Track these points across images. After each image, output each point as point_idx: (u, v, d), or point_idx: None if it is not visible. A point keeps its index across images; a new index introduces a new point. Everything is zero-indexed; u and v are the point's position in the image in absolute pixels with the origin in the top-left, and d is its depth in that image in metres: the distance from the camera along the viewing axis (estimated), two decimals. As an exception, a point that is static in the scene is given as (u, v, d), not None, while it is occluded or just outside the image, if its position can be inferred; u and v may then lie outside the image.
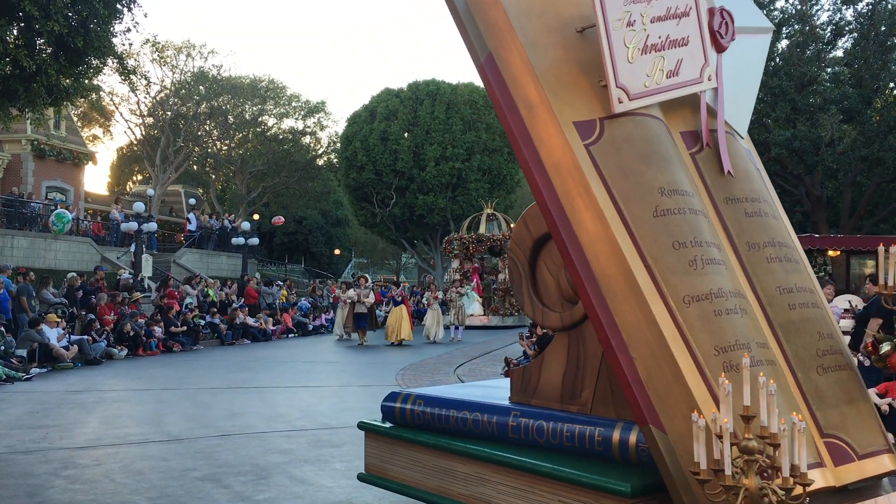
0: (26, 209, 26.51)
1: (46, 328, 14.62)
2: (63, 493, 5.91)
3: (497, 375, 13.68)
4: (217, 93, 42.31)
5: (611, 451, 2.89)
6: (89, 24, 16.20)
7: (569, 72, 3.01)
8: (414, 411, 3.65)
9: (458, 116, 39.26)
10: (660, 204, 2.86)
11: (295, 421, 9.20)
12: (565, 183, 2.84)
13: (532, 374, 3.37)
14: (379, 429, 3.87)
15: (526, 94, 2.95)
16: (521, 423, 3.18)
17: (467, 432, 3.37)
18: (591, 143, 2.89)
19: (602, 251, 2.75)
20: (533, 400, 3.33)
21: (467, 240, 29.38)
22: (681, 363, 2.60)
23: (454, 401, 3.52)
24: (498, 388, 3.92)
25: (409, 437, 3.62)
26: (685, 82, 3.15)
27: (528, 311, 3.38)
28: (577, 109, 2.95)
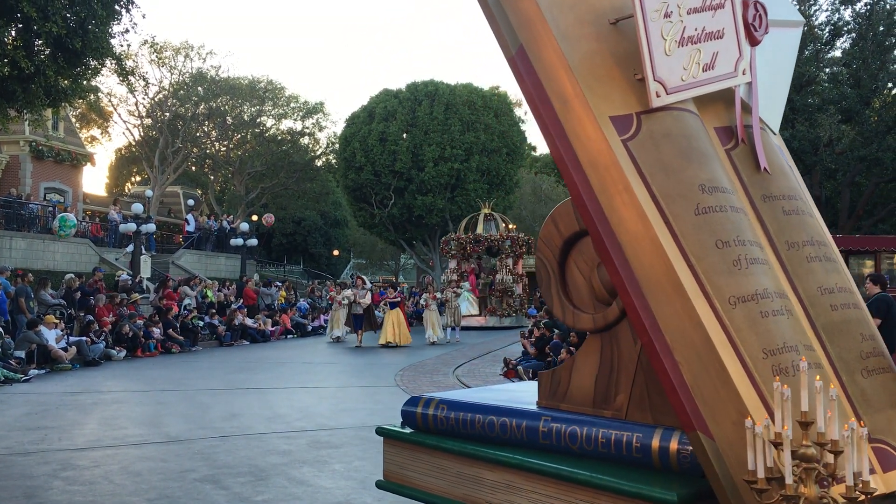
0: (25, 210, 26.48)
1: (45, 329, 14.61)
2: (62, 494, 5.90)
3: (496, 376, 13.69)
4: (215, 94, 42.30)
5: (650, 457, 2.79)
6: (87, 26, 16.20)
7: (603, 65, 2.93)
8: (437, 416, 3.51)
9: (456, 117, 39.27)
10: (701, 201, 2.78)
11: (294, 422, 9.19)
12: (603, 180, 2.75)
13: (562, 378, 3.25)
14: (399, 434, 3.70)
15: (559, 88, 2.87)
16: (552, 428, 3.07)
17: (494, 438, 3.25)
18: (629, 138, 2.81)
19: (643, 250, 2.68)
20: (563, 404, 3.22)
21: (465, 240, 29.31)
22: (729, 367, 2.53)
23: (480, 405, 3.40)
24: (523, 391, 3.81)
25: (432, 444, 3.47)
26: (721, 76, 3.09)
27: (557, 312, 3.28)
28: (613, 104, 2.87)
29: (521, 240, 29.73)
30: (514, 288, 28.79)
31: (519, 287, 29.36)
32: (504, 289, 28.63)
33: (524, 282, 30.28)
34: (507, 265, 29.03)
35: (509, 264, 29.07)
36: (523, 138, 45.12)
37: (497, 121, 40.78)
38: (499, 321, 27.88)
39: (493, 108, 41.04)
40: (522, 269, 30.70)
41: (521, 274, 29.84)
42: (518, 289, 29.19)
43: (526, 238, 30.50)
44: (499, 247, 29.28)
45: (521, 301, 29.18)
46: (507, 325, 27.43)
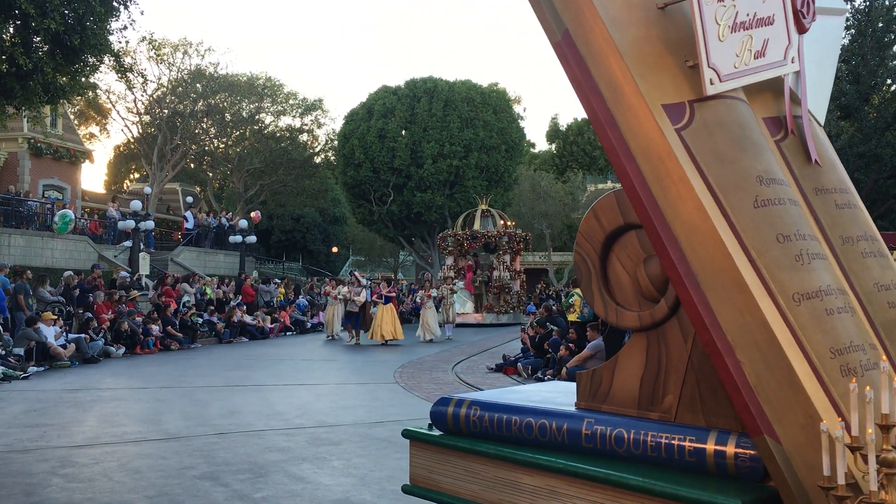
0: (23, 207, 26.47)
1: (43, 326, 14.60)
2: (61, 491, 5.90)
3: (496, 373, 13.69)
4: (214, 90, 42.26)
5: (704, 462, 2.66)
6: (86, 22, 16.17)
7: (652, 51, 2.81)
8: (469, 418, 3.35)
9: (455, 114, 39.26)
10: (759, 194, 2.66)
11: (293, 419, 9.20)
12: (657, 171, 2.64)
13: (603, 378, 3.12)
14: (427, 437, 3.54)
15: (609, 75, 2.76)
16: (596, 430, 2.93)
17: (532, 441, 3.12)
18: (682, 127, 2.70)
19: (701, 245, 2.56)
20: (604, 406, 3.09)
21: (461, 236, 29.12)
22: (796, 367, 2.42)
23: (516, 406, 3.26)
24: (556, 392, 3.68)
25: (465, 447, 3.31)
26: (771, 64, 2.97)
27: (599, 309, 3.15)
28: (665, 91, 2.75)
29: (518, 236, 29.53)
30: (511, 285, 28.59)
31: (517, 284, 29.18)
32: (501, 285, 28.44)
33: (522, 278, 30.19)
34: (504, 262, 28.82)
35: (506, 261, 28.87)
36: (522, 135, 45.12)
37: (496, 117, 40.77)
38: (496, 318, 27.67)
39: (492, 105, 41.03)
40: (520, 266, 30.61)
41: (518, 270, 29.67)
42: (515, 286, 29.00)
43: (523, 234, 30.37)
44: (496, 243, 29.09)
45: (518, 298, 29.01)
46: (505, 323, 27.25)
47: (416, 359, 16.13)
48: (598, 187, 53.55)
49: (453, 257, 29.19)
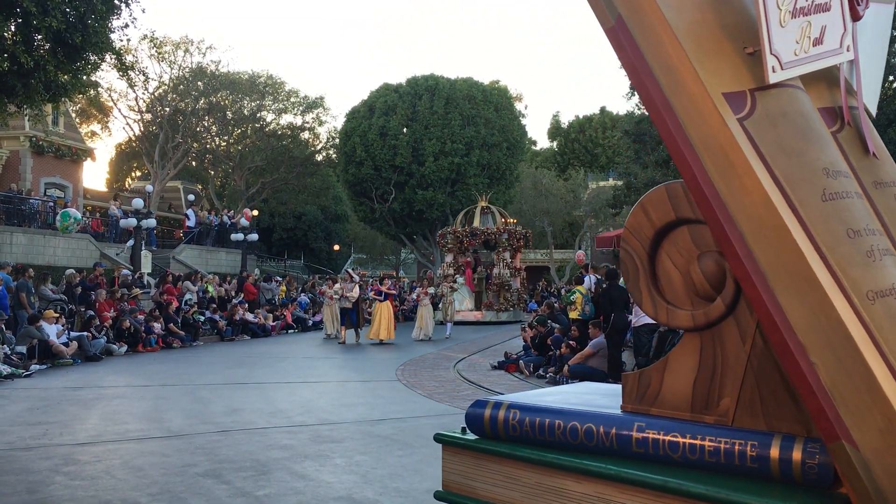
0: (25, 206, 26.50)
1: (46, 325, 14.62)
2: (63, 489, 5.91)
3: (498, 371, 13.69)
4: (215, 88, 42.27)
5: (768, 468, 2.53)
6: (87, 20, 16.17)
7: (709, 37, 2.71)
8: (508, 421, 3.20)
9: (456, 111, 39.25)
10: (827, 187, 2.54)
11: (295, 416, 9.20)
12: (720, 162, 2.54)
13: (651, 380, 2.98)
14: (462, 441, 3.36)
15: (666, 61, 2.65)
16: (648, 435, 2.79)
17: (577, 446, 2.98)
18: (744, 117, 2.58)
19: (769, 240, 2.45)
20: (653, 409, 2.96)
21: (461, 233, 28.89)
22: (873, 368, 2.31)
23: (560, 410, 3.11)
24: (595, 393, 3.54)
25: (504, 452, 3.16)
26: (829, 52, 2.87)
27: (647, 308, 3.01)
28: (725, 79, 2.64)
29: (518, 233, 29.28)
30: (511, 282, 28.40)
31: (517, 281, 28.99)
32: (501, 283, 28.21)
33: (522, 276, 30.08)
34: (504, 259, 28.58)
35: (506, 258, 28.62)
36: (524, 132, 45.11)
37: (497, 115, 40.77)
38: (495, 316, 27.43)
39: (493, 103, 41.03)
40: (521, 263, 30.48)
41: (518, 268, 29.47)
42: (516, 283, 28.80)
43: (523, 231, 30.13)
44: (496, 240, 28.85)
45: (518, 295, 28.81)
46: (504, 321, 27.00)
47: (418, 356, 16.14)
48: (599, 185, 53.53)
49: (453, 254, 28.97)
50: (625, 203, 28.00)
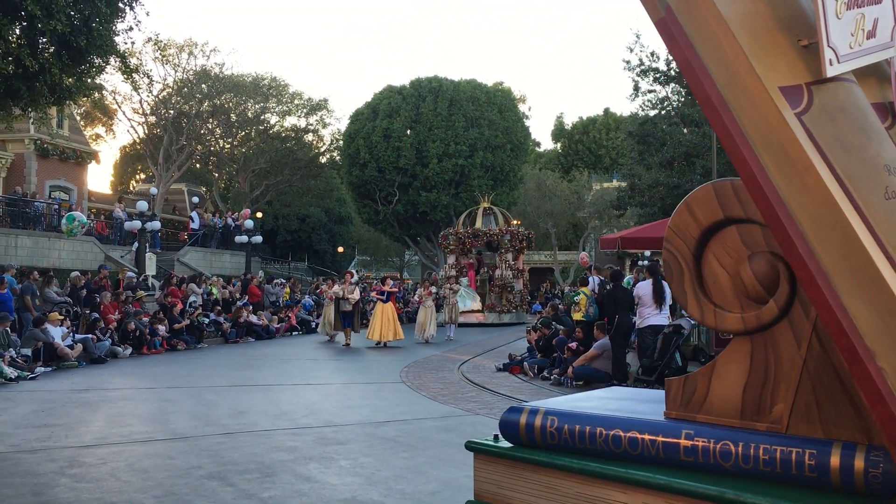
0: (30, 208, 26.56)
1: (51, 327, 14.65)
2: (69, 491, 5.92)
3: (503, 373, 13.68)
4: (219, 91, 42.35)
5: (828, 477, 2.44)
6: (92, 23, 16.21)
7: (763, 29, 2.61)
8: (546, 429, 3.09)
9: (460, 113, 39.28)
10: (889, 184, 2.45)
11: (300, 419, 9.21)
12: (779, 159, 2.45)
13: (698, 385, 2.87)
14: (497, 450, 3.23)
15: (720, 54, 2.58)
16: (697, 443, 2.67)
17: (621, 455, 2.87)
18: (802, 112, 2.49)
19: (832, 241, 2.37)
20: (699, 416, 2.85)
21: (463, 234, 28.67)
22: None
23: (602, 417, 3.00)
24: (632, 399, 3.41)
25: (542, 460, 3.04)
26: (881, 45, 2.79)
27: (692, 311, 2.92)
28: (781, 73, 2.54)
29: (520, 234, 29.07)
30: (513, 284, 28.16)
31: (520, 283, 28.81)
32: (503, 284, 27.96)
33: (525, 277, 29.94)
34: (506, 260, 28.33)
35: (509, 259, 28.36)
36: (527, 134, 45.12)
37: (501, 116, 40.79)
38: (498, 317, 27.12)
39: (497, 104, 41.05)
40: (524, 265, 30.34)
41: (521, 269, 29.29)
42: (519, 284, 28.61)
43: (526, 232, 29.89)
44: (498, 241, 28.60)
45: (521, 297, 28.62)
46: (507, 322, 26.77)
47: (422, 358, 16.14)
48: (603, 186, 53.47)
49: (455, 256, 28.75)
50: (628, 204, 27.98)
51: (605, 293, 12.77)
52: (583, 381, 11.94)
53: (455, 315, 22.22)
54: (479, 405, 10.28)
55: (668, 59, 24.15)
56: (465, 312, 24.84)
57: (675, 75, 24.09)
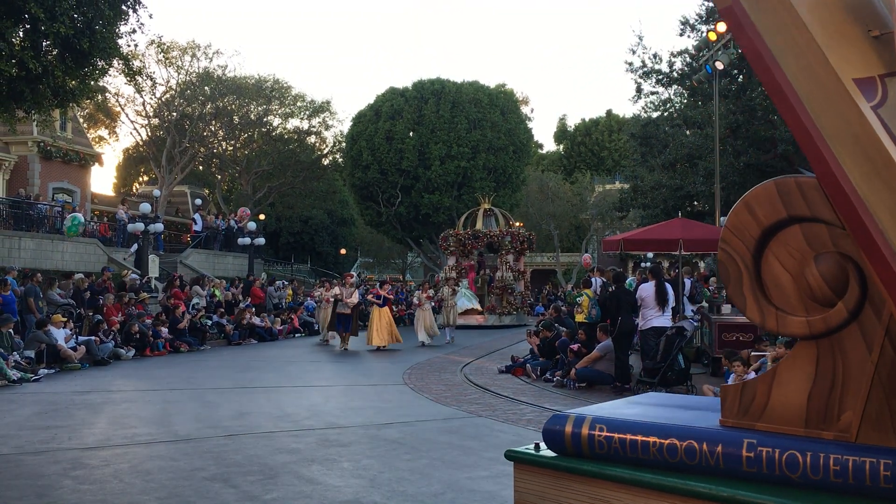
0: (33, 210, 26.60)
1: (54, 329, 14.67)
2: (72, 493, 5.93)
3: (506, 375, 13.67)
4: (222, 93, 42.41)
5: None
6: (95, 26, 16.24)
7: (833, 19, 2.50)
8: (594, 438, 2.93)
9: (463, 115, 39.29)
10: None
11: (302, 420, 9.21)
12: (855, 155, 2.35)
13: (757, 392, 2.73)
14: (540, 460, 3.06)
15: (790, 45, 2.46)
16: (761, 453, 2.52)
17: (677, 465, 2.69)
18: (877, 105, 2.39)
19: None
20: (759, 424, 2.70)
21: (463, 236, 28.30)
22: None
23: (654, 425, 2.82)
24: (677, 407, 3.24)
25: (591, 471, 2.87)
26: None
27: (752, 314, 2.77)
28: (853, 64, 2.43)
29: (521, 236, 28.77)
30: (514, 285, 27.84)
31: (521, 284, 28.56)
32: (504, 286, 27.57)
33: (526, 279, 29.72)
34: (507, 262, 27.98)
35: (509, 261, 28.04)
36: (530, 136, 45.15)
37: (503, 118, 40.80)
38: (498, 319, 26.71)
39: (499, 106, 41.06)
40: (525, 266, 30.11)
41: (522, 271, 28.99)
42: (519, 286, 28.34)
43: (527, 234, 29.62)
44: (499, 243, 28.26)
45: (522, 299, 28.30)
46: (508, 324, 26.39)
47: (425, 360, 16.14)
48: (605, 188, 53.52)
49: (455, 257, 28.34)
50: (631, 206, 27.97)
51: (607, 295, 12.76)
52: (585, 383, 11.94)
53: (454, 317, 21.78)
54: (482, 407, 10.27)
55: (671, 60, 24.15)
56: (464, 314, 24.59)
57: (677, 77, 24.08)
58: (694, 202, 24.28)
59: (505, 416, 9.60)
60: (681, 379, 11.16)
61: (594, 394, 11.43)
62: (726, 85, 21.55)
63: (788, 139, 19.71)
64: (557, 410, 9.90)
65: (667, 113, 26.54)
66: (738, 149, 21.79)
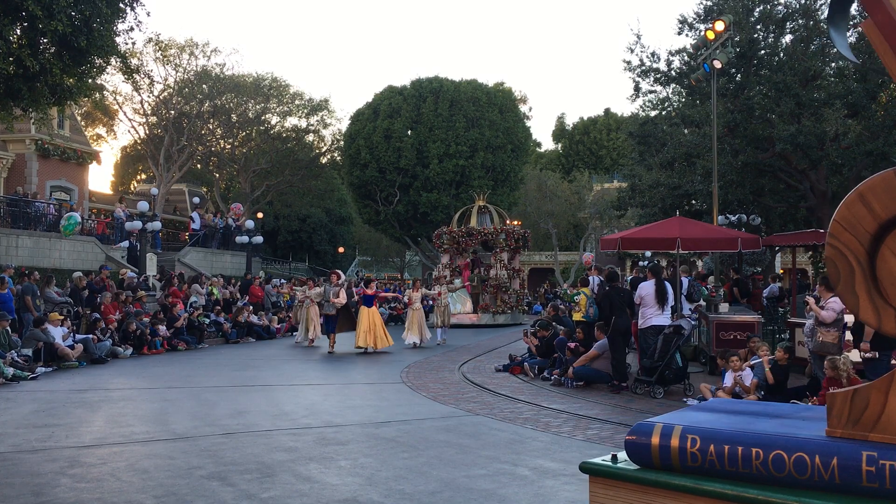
0: (31, 209, 26.55)
1: (51, 327, 14.66)
2: (69, 491, 5.92)
3: (503, 373, 13.67)
4: (220, 91, 42.36)
5: None
6: (92, 24, 16.21)
7: None
8: (686, 450, 2.70)
9: (461, 114, 39.28)
10: None
11: (300, 419, 9.21)
12: None
13: (870, 400, 2.54)
14: (621, 473, 2.84)
15: None
16: (883, 466, 2.32)
17: (784, 480, 2.50)
18: None
19: None
20: (872, 434, 2.49)
21: (457, 233, 27.94)
22: None
23: (757, 436, 2.61)
24: (767, 415, 2.99)
25: (685, 486, 2.67)
26: None
27: (867, 315, 2.57)
28: None
29: (516, 233, 28.31)
30: (508, 284, 27.48)
31: (516, 283, 28.20)
32: (498, 284, 27.16)
33: (522, 277, 29.41)
34: (501, 260, 27.57)
35: (504, 259, 27.63)
36: (528, 134, 45.14)
37: (502, 117, 40.79)
38: (492, 318, 26.31)
39: (497, 105, 41.05)
40: (521, 265, 29.73)
41: (517, 269, 28.60)
42: (514, 285, 27.97)
43: (522, 232, 29.15)
44: (493, 240, 27.82)
45: (517, 297, 27.93)
46: (502, 323, 26.05)
47: (423, 359, 16.13)
48: (603, 186, 53.53)
49: (449, 255, 27.97)
50: (629, 205, 27.94)
51: (602, 294, 12.73)
52: (583, 382, 11.94)
53: (447, 318, 21.04)
54: (480, 405, 10.27)
55: (669, 59, 24.12)
56: (457, 314, 24.38)
57: (675, 76, 24.06)
58: (692, 201, 24.26)
59: (503, 414, 9.61)
60: (678, 378, 11.17)
61: (591, 392, 11.44)
62: (724, 84, 21.54)
63: (786, 138, 19.70)
64: (555, 409, 9.98)
65: (665, 112, 26.52)
66: (735, 147, 21.78)
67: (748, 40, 21.38)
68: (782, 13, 22.36)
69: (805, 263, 23.55)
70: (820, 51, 22.04)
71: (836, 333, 9.72)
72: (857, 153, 20.57)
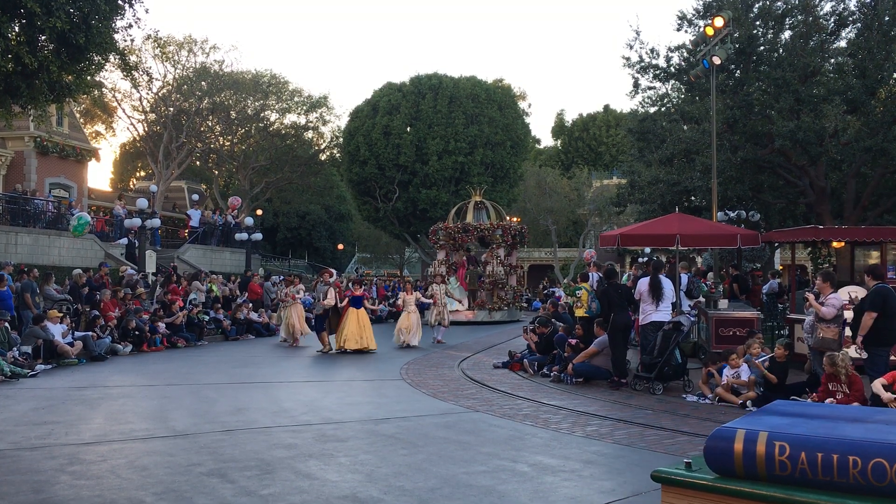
0: (30, 206, 26.55)
1: (50, 325, 14.65)
2: (69, 488, 5.93)
3: (503, 370, 13.67)
4: (219, 88, 42.32)
5: None
6: (91, 21, 16.17)
7: None
8: (773, 458, 2.49)
9: (460, 110, 39.24)
10: None
11: (299, 416, 9.21)
12: None
13: None
14: (699, 482, 2.62)
15: None
16: None
17: (885, 489, 2.33)
18: None
19: None
20: None
21: (453, 229, 27.55)
22: None
23: (854, 442, 2.42)
24: (845, 419, 2.81)
25: (774, 496, 2.44)
26: None
27: None
28: None
29: (513, 229, 27.87)
30: (505, 280, 27.08)
31: (513, 279, 27.94)
32: (494, 281, 26.74)
33: (519, 274, 29.22)
34: (497, 256, 27.11)
35: (500, 255, 27.17)
36: (527, 131, 45.09)
37: (501, 114, 40.75)
38: (488, 315, 25.96)
39: (496, 101, 41.01)
40: (518, 261, 29.48)
41: (514, 265, 28.34)
42: (511, 281, 27.66)
43: (519, 228, 28.71)
44: (490, 236, 27.40)
45: (514, 294, 27.67)
46: (498, 320, 25.80)
47: (422, 356, 16.14)
48: (603, 183, 53.52)
49: (445, 252, 27.61)
50: (628, 201, 27.90)
51: (600, 291, 12.73)
52: (582, 378, 11.95)
53: (444, 317, 19.80)
54: (479, 402, 10.28)
55: (668, 55, 24.09)
56: (452, 311, 24.11)
57: (674, 72, 24.04)
58: (691, 197, 24.23)
59: (502, 410, 9.61)
60: (678, 374, 11.18)
61: (591, 389, 11.44)
62: (723, 80, 21.51)
63: (785, 134, 19.68)
64: (555, 405, 9.98)
65: (664, 108, 26.48)
66: (735, 144, 21.75)
67: (747, 36, 21.34)
68: (781, 9, 22.32)
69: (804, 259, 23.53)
70: (819, 47, 22.00)
71: (837, 329, 9.73)
72: (856, 149, 20.56)
